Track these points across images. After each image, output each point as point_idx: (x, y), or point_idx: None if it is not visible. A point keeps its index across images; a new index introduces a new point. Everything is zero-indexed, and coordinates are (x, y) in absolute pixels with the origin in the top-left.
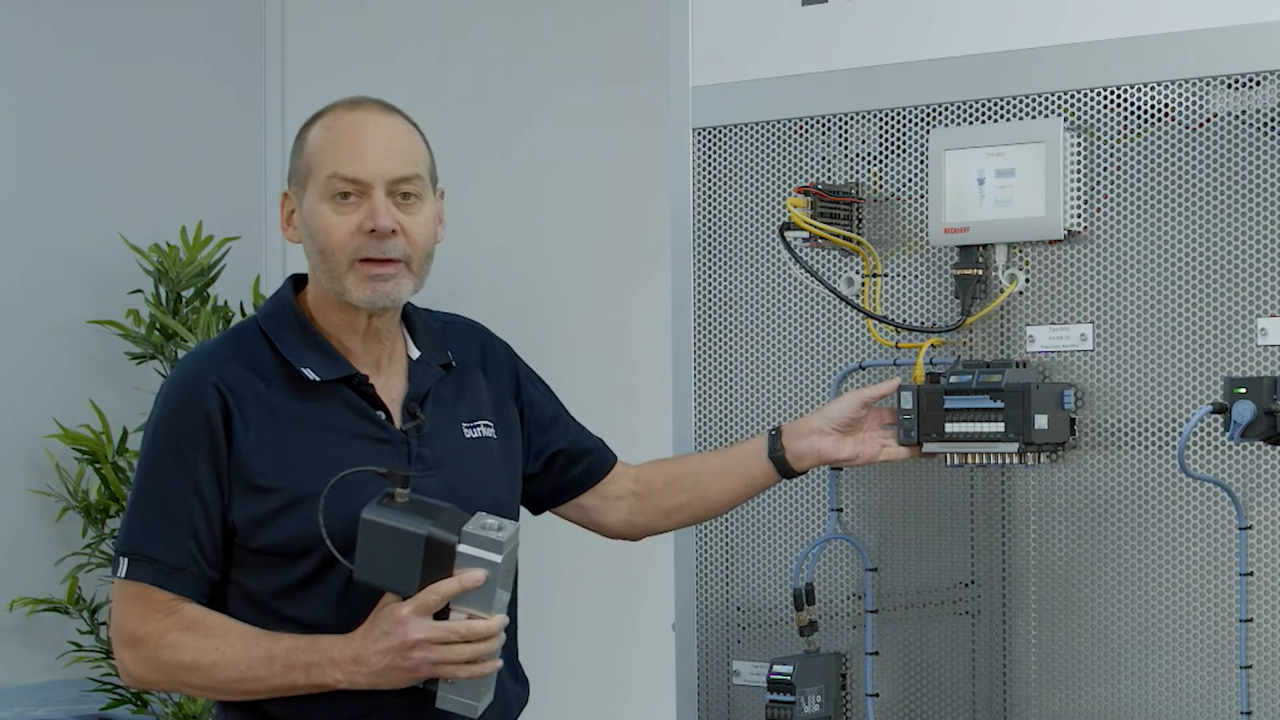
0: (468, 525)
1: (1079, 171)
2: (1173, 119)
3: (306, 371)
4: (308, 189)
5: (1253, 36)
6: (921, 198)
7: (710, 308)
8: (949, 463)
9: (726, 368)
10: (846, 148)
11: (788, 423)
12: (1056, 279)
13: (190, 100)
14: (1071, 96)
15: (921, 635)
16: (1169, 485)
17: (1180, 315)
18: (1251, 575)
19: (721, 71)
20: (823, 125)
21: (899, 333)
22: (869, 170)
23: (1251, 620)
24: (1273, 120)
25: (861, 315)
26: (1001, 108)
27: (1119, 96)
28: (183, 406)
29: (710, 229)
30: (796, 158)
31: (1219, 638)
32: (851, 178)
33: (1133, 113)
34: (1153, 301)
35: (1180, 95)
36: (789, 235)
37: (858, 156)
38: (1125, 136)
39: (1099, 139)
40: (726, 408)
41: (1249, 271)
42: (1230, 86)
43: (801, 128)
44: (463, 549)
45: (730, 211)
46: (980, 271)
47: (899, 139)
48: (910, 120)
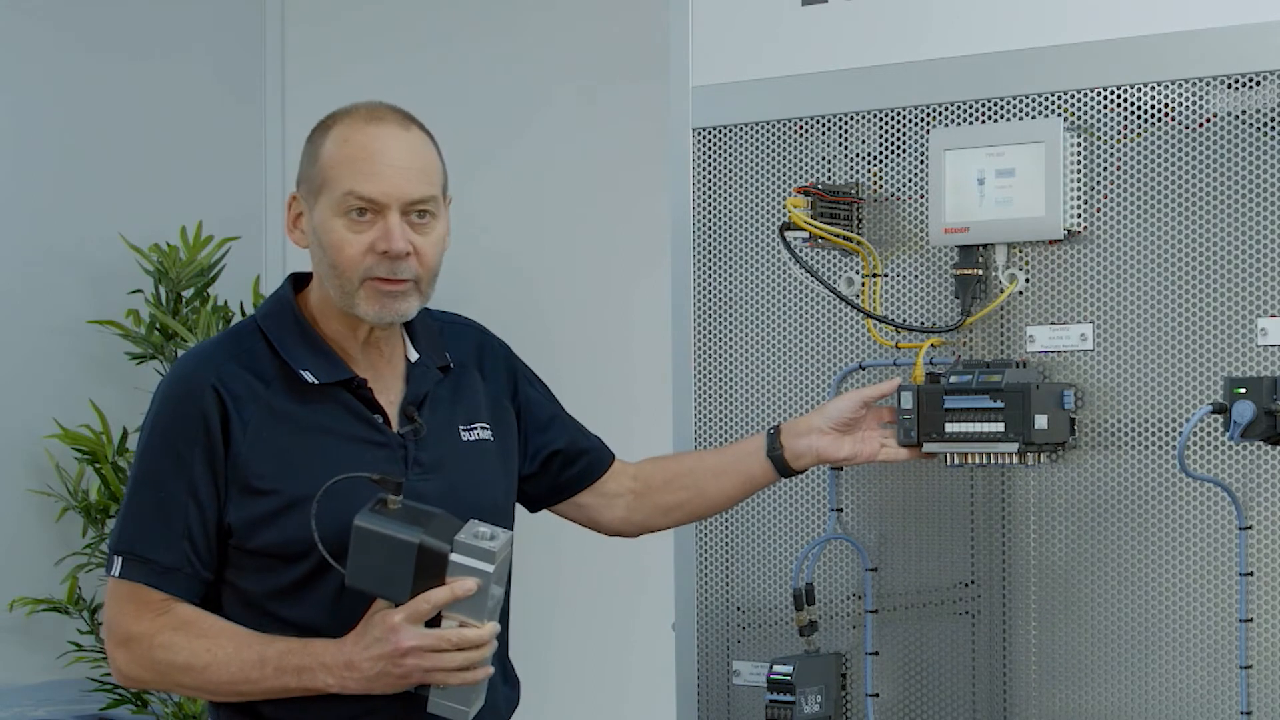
0: (460, 534)
1: (1079, 171)
2: (1173, 119)
3: (305, 374)
4: (320, 199)
5: (1253, 36)
6: (921, 198)
7: (710, 308)
8: (949, 463)
9: (726, 368)
10: (846, 148)
11: (786, 422)
12: (1056, 279)
13: (190, 100)
14: (1071, 96)
15: (921, 635)
16: (1169, 485)
17: (1180, 315)
18: (1251, 575)
19: (721, 71)
20: (823, 125)
21: (899, 333)
22: (869, 170)
23: (1251, 620)
24: (1273, 120)
25: (861, 315)
26: (1001, 108)
27: (1119, 96)
28: (180, 406)
29: (710, 229)
30: (796, 158)
31: (1219, 638)
32: (851, 178)
33: (1133, 113)
34: (1153, 301)
35: (1180, 95)
36: (789, 235)
37: (858, 156)
38: (1125, 136)
39: (1099, 139)
40: (726, 408)
41: (1249, 271)
42: (1230, 86)
43: (801, 128)
44: (455, 558)
45: (730, 211)
46: (980, 271)
47: (899, 139)
48: (910, 120)
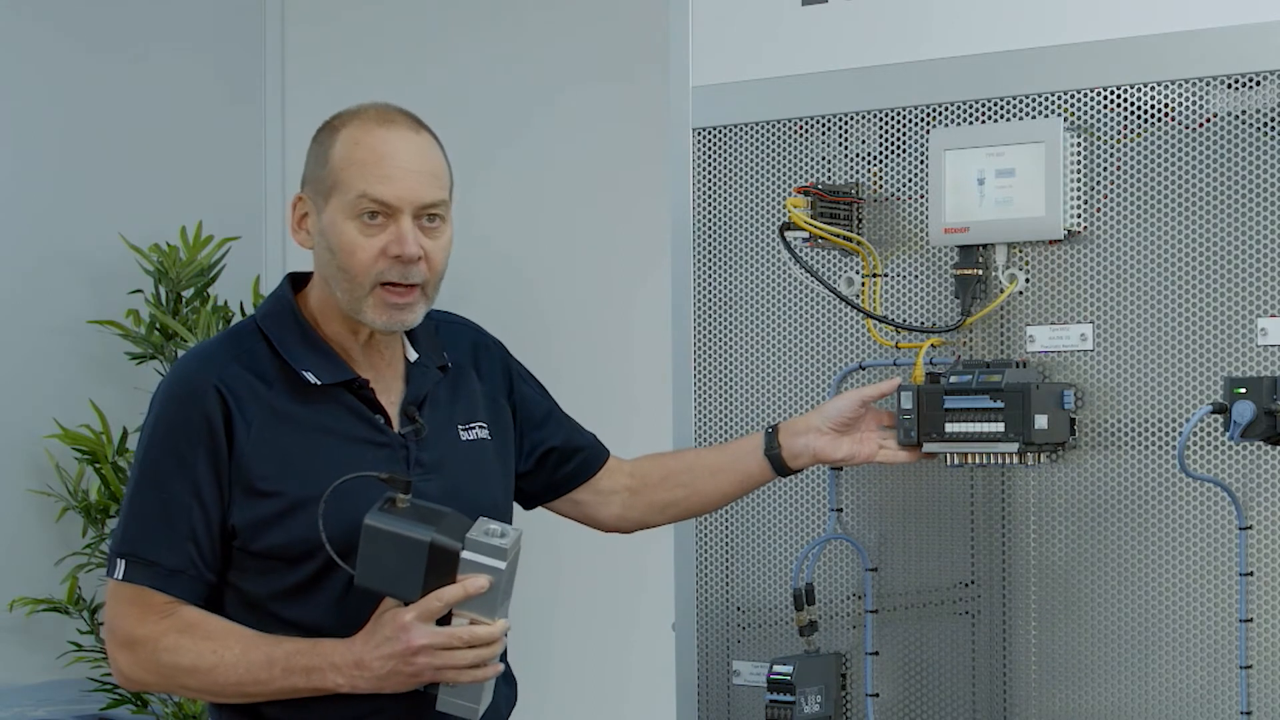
0: (471, 532)
1: (1079, 171)
2: (1173, 119)
3: (307, 375)
4: (331, 201)
5: (1253, 36)
6: (921, 198)
7: (710, 308)
8: (949, 463)
9: (726, 368)
10: (846, 148)
11: (785, 421)
12: (1056, 279)
13: (190, 100)
14: (1071, 96)
15: (921, 635)
16: (1169, 485)
17: (1180, 315)
18: (1251, 575)
19: (721, 71)
20: (823, 125)
21: (899, 333)
22: (869, 170)
23: (1251, 620)
24: (1273, 120)
25: (861, 315)
26: (1001, 108)
27: (1119, 96)
28: (183, 407)
29: (710, 229)
30: (796, 158)
31: (1219, 638)
32: (851, 178)
33: (1133, 113)
34: (1153, 301)
35: (1180, 95)
36: (789, 235)
37: (858, 156)
38: (1125, 136)
39: (1099, 139)
40: (726, 408)
41: (1249, 271)
42: (1230, 86)
43: (801, 128)
44: (467, 555)
45: (730, 211)
46: (980, 271)
47: (899, 139)
48: (910, 120)
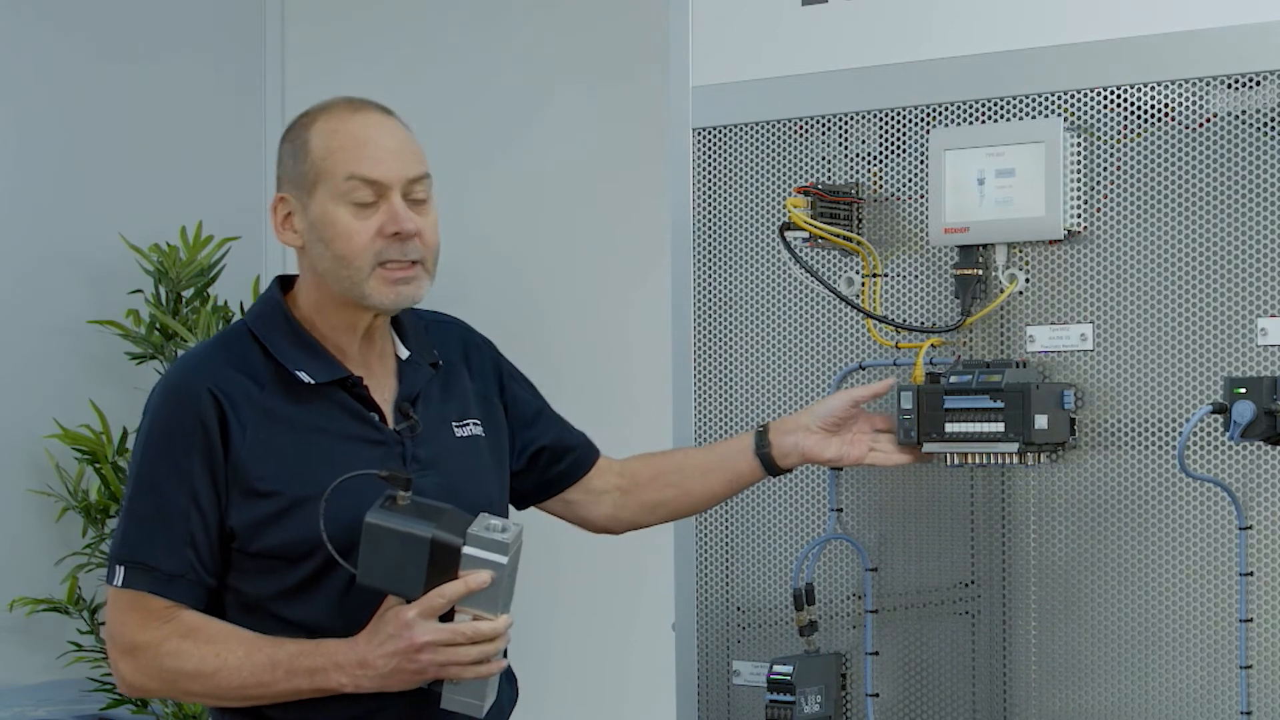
0: (472, 527)
1: (1079, 171)
2: (1173, 119)
3: (301, 374)
4: (317, 193)
5: (1253, 36)
6: (921, 198)
7: (710, 308)
8: (949, 463)
9: (726, 368)
10: (846, 148)
11: (776, 420)
12: (1056, 279)
13: (190, 100)
14: (1071, 96)
15: (921, 635)
16: (1169, 485)
17: (1180, 315)
18: (1251, 575)
19: (721, 71)
20: (823, 125)
21: (899, 333)
22: (869, 170)
23: (1251, 620)
24: (1273, 120)
25: (861, 315)
26: (1001, 108)
27: (1119, 96)
28: (177, 412)
29: (710, 229)
30: (796, 158)
31: (1219, 638)
32: (851, 178)
33: (1133, 113)
34: (1153, 301)
35: (1180, 95)
36: (789, 235)
37: (858, 156)
38: (1125, 136)
39: (1099, 139)
40: (726, 408)
41: (1249, 271)
42: (1230, 86)
43: (801, 128)
44: (468, 551)
45: (730, 211)
46: (980, 271)
47: (899, 139)
48: (910, 120)
